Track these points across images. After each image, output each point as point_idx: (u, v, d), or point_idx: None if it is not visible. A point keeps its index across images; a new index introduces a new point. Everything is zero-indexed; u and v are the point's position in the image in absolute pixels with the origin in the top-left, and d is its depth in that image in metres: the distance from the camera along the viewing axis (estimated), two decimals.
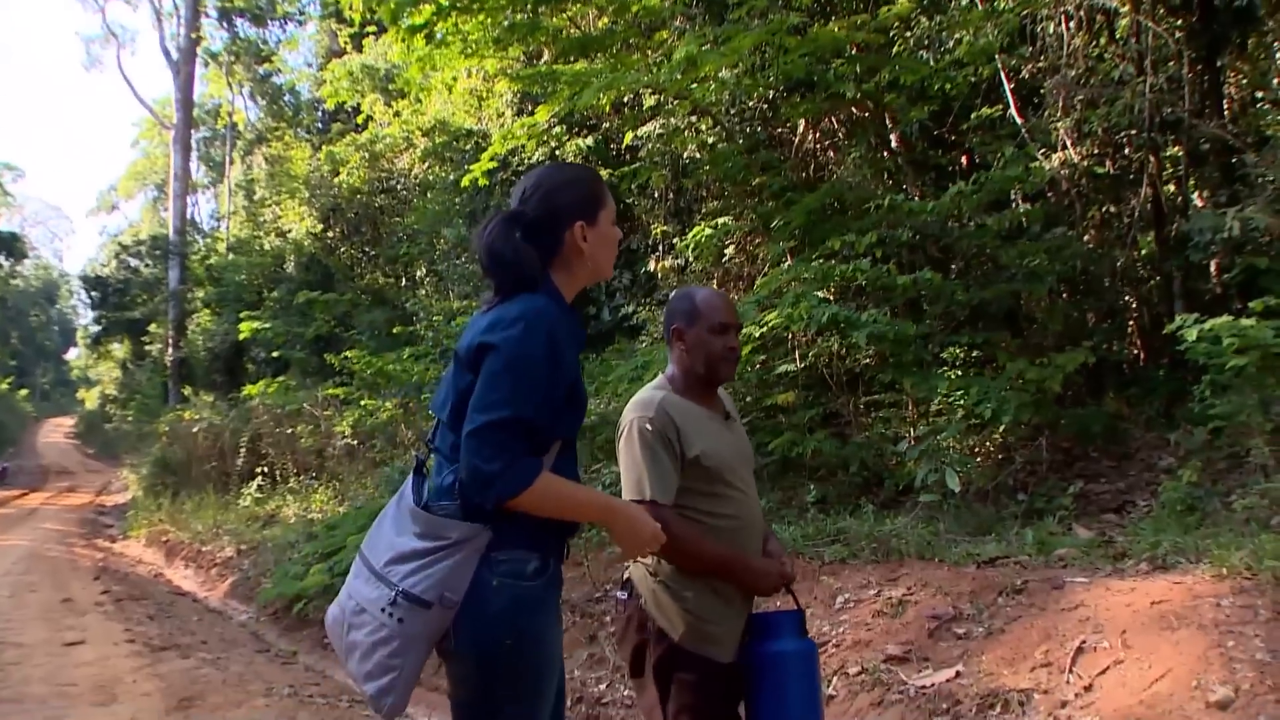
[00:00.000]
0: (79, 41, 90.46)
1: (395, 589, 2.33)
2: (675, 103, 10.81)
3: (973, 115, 8.96)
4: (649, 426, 2.97)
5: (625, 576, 3.15)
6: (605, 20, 11.48)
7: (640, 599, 3.04)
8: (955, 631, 4.57)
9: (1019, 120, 8.74)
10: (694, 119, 11.17)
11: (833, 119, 10.57)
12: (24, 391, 73.61)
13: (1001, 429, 7.47)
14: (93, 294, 43.32)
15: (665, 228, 12.46)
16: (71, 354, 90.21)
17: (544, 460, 2.40)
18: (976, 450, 7.79)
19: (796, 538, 6.46)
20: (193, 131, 36.11)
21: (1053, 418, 7.65)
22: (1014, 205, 8.82)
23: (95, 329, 46.18)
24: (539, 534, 2.44)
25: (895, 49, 9.07)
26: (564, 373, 2.44)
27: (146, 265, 38.12)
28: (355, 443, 16.64)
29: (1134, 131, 8.42)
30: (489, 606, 2.34)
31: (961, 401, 7.27)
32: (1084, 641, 4.06)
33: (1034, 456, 7.55)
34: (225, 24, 36.27)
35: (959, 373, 8.06)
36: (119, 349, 43.61)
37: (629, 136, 11.66)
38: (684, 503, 2.96)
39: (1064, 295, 8.84)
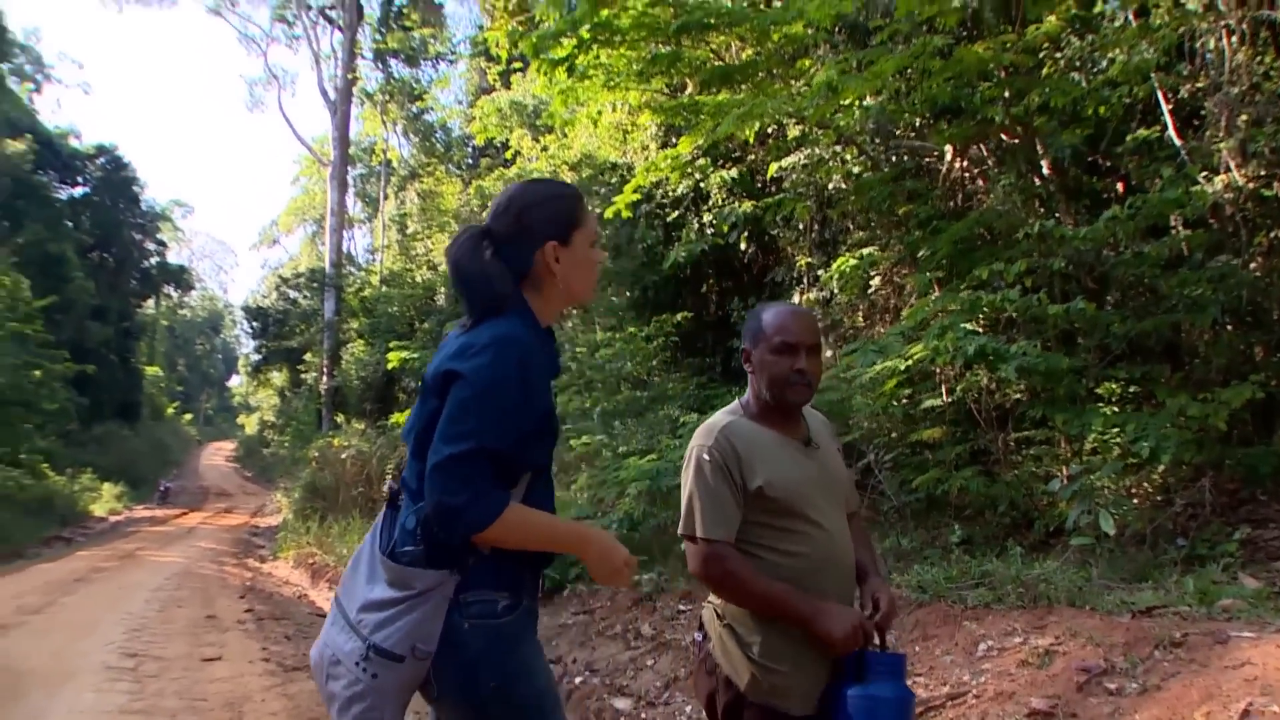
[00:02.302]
0: (243, 84, 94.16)
1: (366, 642, 2.28)
2: (819, 132, 10.65)
3: (1128, 138, 8.54)
4: (707, 456, 2.78)
5: (700, 619, 2.96)
6: (749, 51, 11.38)
7: (710, 642, 2.84)
8: (1106, 686, 4.24)
9: (1178, 142, 8.31)
10: (839, 148, 10.99)
11: (981, 146, 10.26)
12: (188, 416, 76.83)
13: (1160, 469, 7.07)
14: (254, 324, 44.83)
15: (810, 259, 12.26)
16: (234, 381, 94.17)
17: (514, 491, 2.32)
18: (1133, 491, 7.35)
19: (939, 579, 6.18)
20: (349, 168, 37.18)
21: (1216, 457, 7.16)
22: (1174, 231, 8.37)
23: (256, 358, 47.76)
24: (507, 572, 2.37)
25: (1045, 70, 8.73)
26: (535, 401, 2.35)
27: (304, 297, 39.24)
28: None
29: None
30: (466, 651, 2.30)
31: (1117, 439, 6.91)
32: (1250, 704, 3.71)
33: (1196, 498, 7.06)
34: (380, 65, 37.40)
35: (1115, 409, 7.64)
36: (277, 377, 45.00)
37: (773, 168, 11.50)
38: (748, 538, 2.76)
39: (1229, 326, 8.34)
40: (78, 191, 46.64)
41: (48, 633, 9.48)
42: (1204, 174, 8.11)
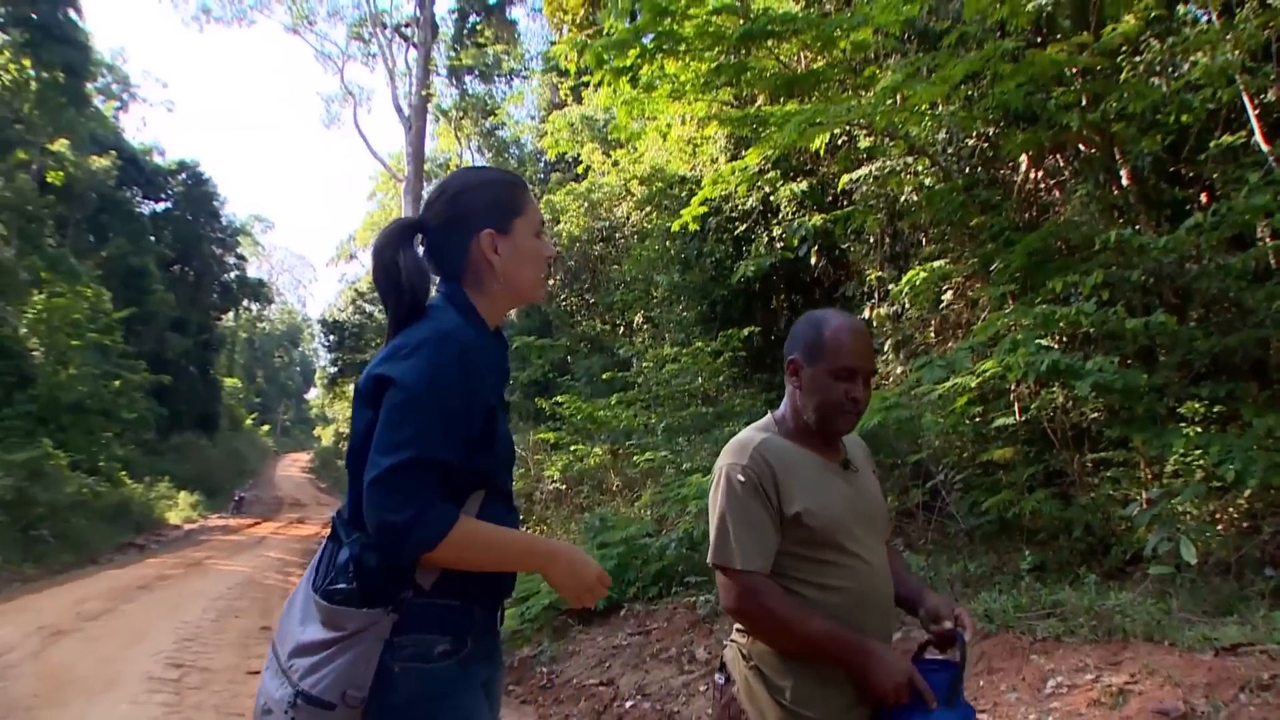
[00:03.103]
0: (320, 101, 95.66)
1: (295, 688, 2.04)
2: (890, 143, 10.38)
3: (1211, 145, 8.13)
4: (741, 477, 2.50)
5: (722, 659, 2.66)
6: (818, 61, 11.14)
7: (734, 685, 2.55)
8: None
9: (1265, 147, 7.88)
10: (909, 159, 10.67)
11: (1057, 155, 9.91)
12: (266, 427, 77.91)
13: (1247, 493, 6.65)
14: (330, 337, 45.41)
15: (880, 273, 11.98)
16: (311, 393, 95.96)
17: (465, 509, 2.08)
18: (1217, 517, 6.91)
19: (1007, 608, 5.87)
20: (423, 184, 37.31)
21: None
22: (1260, 242, 7.96)
23: (332, 370, 48.39)
24: (450, 612, 2.12)
25: (1123, 75, 8.36)
26: (478, 402, 2.09)
27: (380, 311, 39.38)
28: (564, 487, 16.62)
29: None
30: (395, 697, 2.05)
31: (1200, 461, 6.53)
32: None
33: None
34: (454, 81, 37.60)
35: (1198, 429, 7.24)
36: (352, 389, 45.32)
37: (844, 180, 11.21)
38: (782, 569, 2.48)
39: None
40: (160, 206, 47.65)
41: (100, 639, 9.53)
42: None
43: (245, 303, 60.97)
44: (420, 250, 2.27)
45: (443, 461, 1.99)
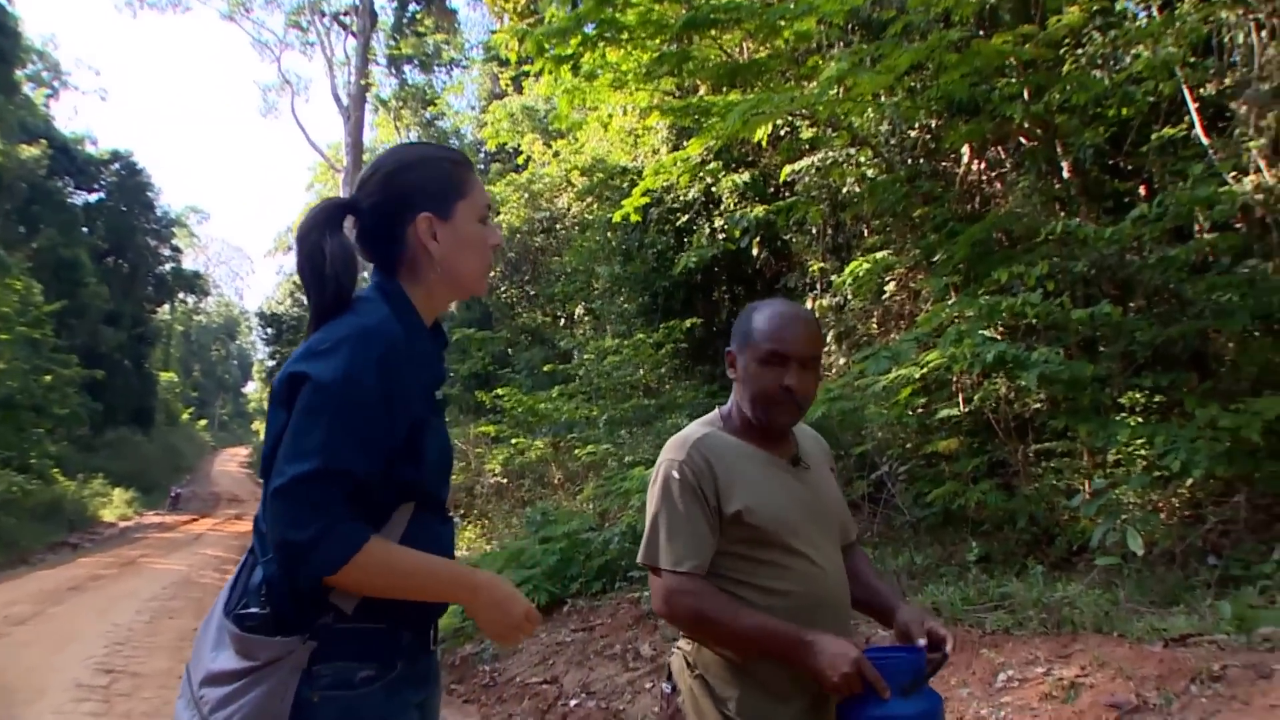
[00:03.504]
0: (257, 90, 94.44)
1: None
2: (833, 134, 10.34)
3: (1153, 137, 8.17)
4: (677, 474, 2.36)
5: (669, 666, 2.52)
6: (761, 51, 11.09)
7: (680, 696, 2.41)
8: None
9: (1205, 140, 7.94)
10: (852, 150, 10.65)
11: (998, 147, 9.93)
12: (203, 422, 76.87)
13: (1189, 483, 6.68)
14: (268, 330, 44.84)
15: (823, 264, 11.94)
16: (249, 387, 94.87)
17: (389, 528, 1.89)
18: (1159, 506, 6.94)
19: (955, 601, 5.84)
20: None
21: (1249, 471, 6.78)
22: (1198, 234, 8.00)
23: (270, 363, 47.72)
24: (377, 638, 1.90)
25: (1065, 67, 8.38)
26: (402, 408, 1.86)
27: None
28: (505, 481, 16.52)
29: None
30: None
31: (1143, 452, 6.55)
32: None
33: (1228, 515, 6.69)
34: (394, 71, 37.24)
35: (1139, 419, 7.27)
36: None
37: (786, 171, 11.17)
38: (722, 570, 2.34)
39: (1258, 334, 7.95)
40: (93, 197, 46.67)
41: (27, 645, 9.23)
42: (1232, 175, 7.75)
43: (181, 295, 60.01)
44: (352, 235, 2.04)
45: (355, 473, 1.77)
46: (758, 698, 2.29)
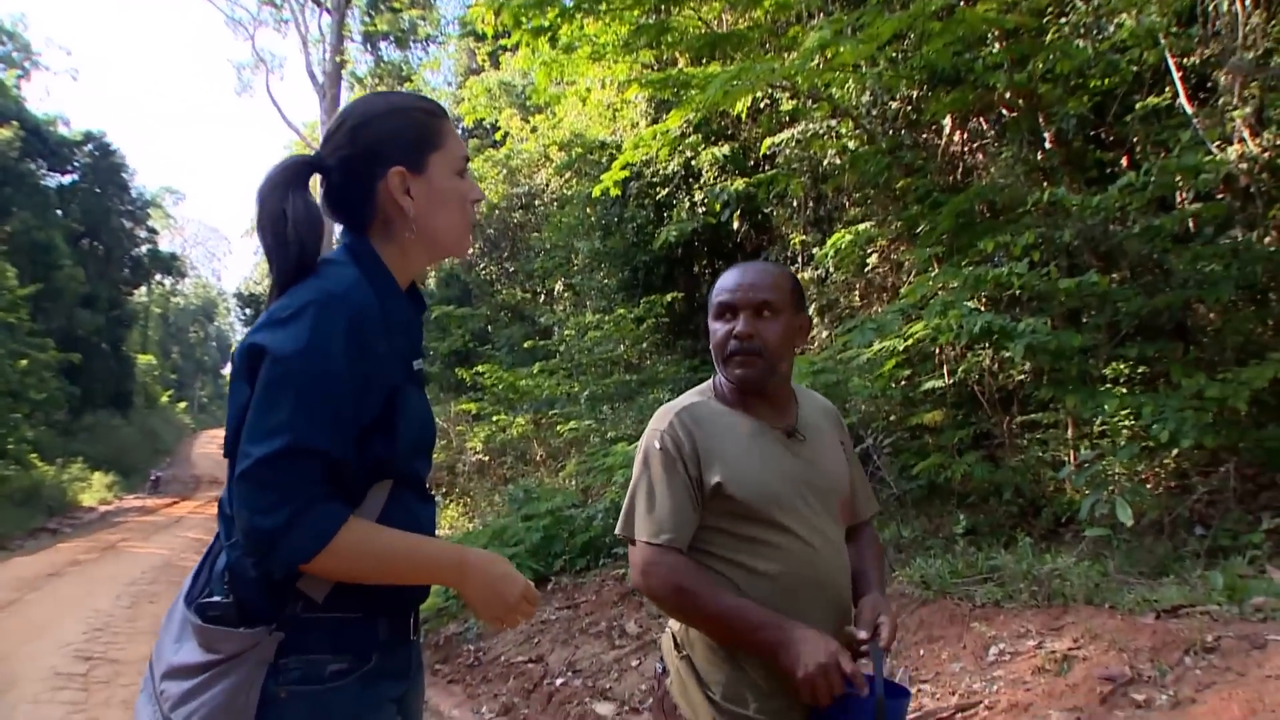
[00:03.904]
0: (231, 68, 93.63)
1: (166, 718, 1.69)
2: (813, 106, 10.26)
3: (1137, 106, 8.11)
4: (658, 444, 2.28)
5: (660, 645, 2.44)
6: (740, 22, 10.99)
7: (669, 676, 2.33)
8: (1133, 698, 3.82)
9: (1189, 109, 7.88)
10: (833, 122, 10.57)
11: (981, 118, 9.86)
12: (182, 404, 76.33)
13: (1175, 453, 6.65)
14: (247, 311, 44.66)
15: (804, 237, 11.90)
16: (228, 369, 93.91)
17: (365, 507, 1.75)
18: (1145, 477, 6.91)
19: (943, 574, 5.78)
20: None
21: (1235, 441, 6.74)
22: (1182, 205, 7.96)
23: None
24: (349, 628, 1.77)
25: (1049, 36, 8.31)
26: (375, 379, 1.71)
27: None
28: (486, 459, 16.44)
29: None
30: None
31: (1128, 422, 6.51)
32: None
33: (1216, 485, 6.66)
34: (369, 48, 36.83)
35: (1123, 390, 7.24)
36: None
37: (766, 144, 11.09)
38: (704, 546, 2.24)
39: (1238, 305, 7.91)
40: (66, 179, 46.11)
41: (3, 635, 9.06)
42: (1217, 144, 7.71)
43: (158, 277, 59.51)
44: (319, 195, 1.88)
45: (322, 451, 1.62)
46: (743, 684, 2.19)
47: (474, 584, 1.83)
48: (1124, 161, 8.85)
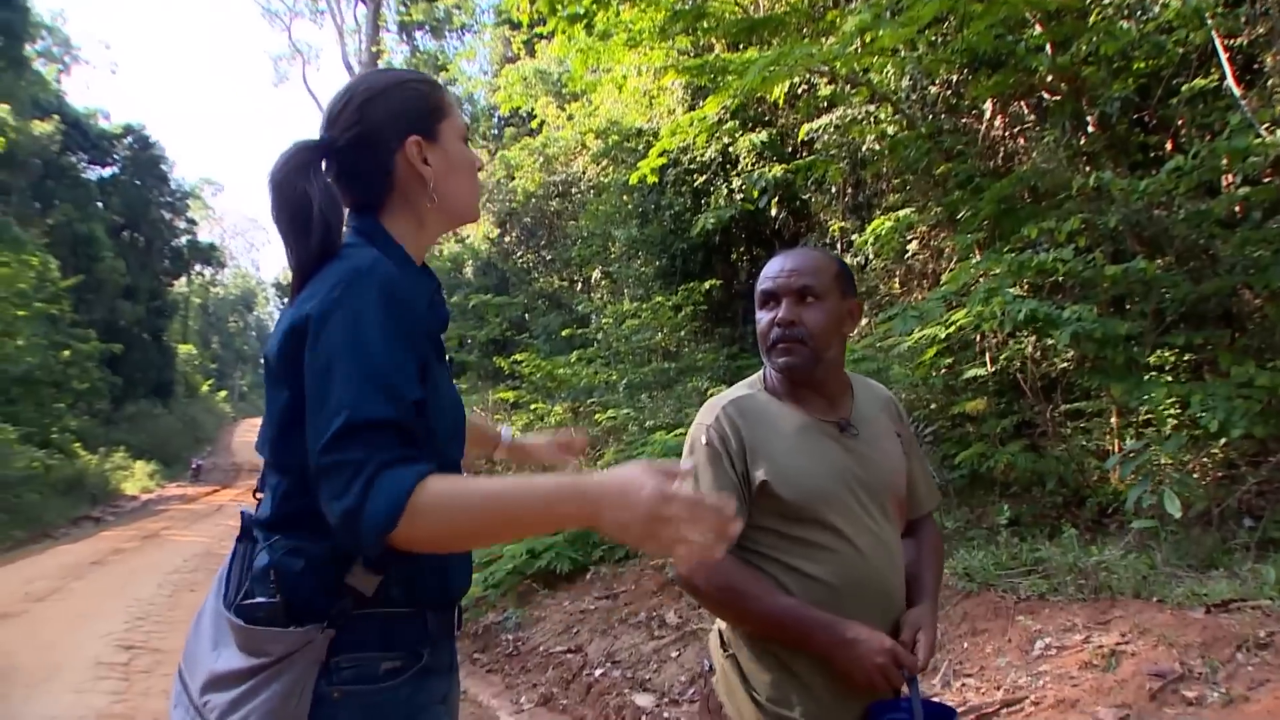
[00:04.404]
0: (268, 60, 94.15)
1: None
2: (852, 91, 10.15)
3: (1183, 89, 7.95)
4: (703, 438, 2.21)
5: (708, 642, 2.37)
6: (777, 6, 10.90)
7: (715, 674, 2.27)
8: (1184, 695, 3.75)
9: (1237, 91, 7.72)
10: (872, 108, 10.46)
11: (1022, 103, 9.72)
12: (222, 393, 77.13)
13: (1223, 443, 6.52)
14: (284, 300, 44.69)
15: (843, 224, 11.81)
16: None
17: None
18: (1193, 467, 6.78)
19: (987, 566, 5.71)
20: None
21: None
22: (1229, 188, 7.80)
23: None
24: (400, 623, 1.68)
25: (1092, 18, 8.17)
26: (414, 347, 1.62)
27: None
28: None
29: None
30: None
31: (1172, 411, 6.39)
32: None
33: (1264, 475, 6.51)
34: (405, 37, 36.97)
35: (1169, 378, 7.11)
36: None
37: (804, 130, 11.00)
38: (753, 545, 2.16)
39: None
40: (106, 172, 46.63)
41: (47, 623, 9.16)
42: (1266, 127, 7.55)
43: (197, 268, 60.23)
44: (328, 176, 1.80)
45: (386, 419, 1.51)
46: (789, 686, 2.13)
47: (606, 502, 1.49)
48: (1168, 145, 8.69)
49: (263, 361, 1.75)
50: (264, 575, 1.66)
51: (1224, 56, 7.80)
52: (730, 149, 12.89)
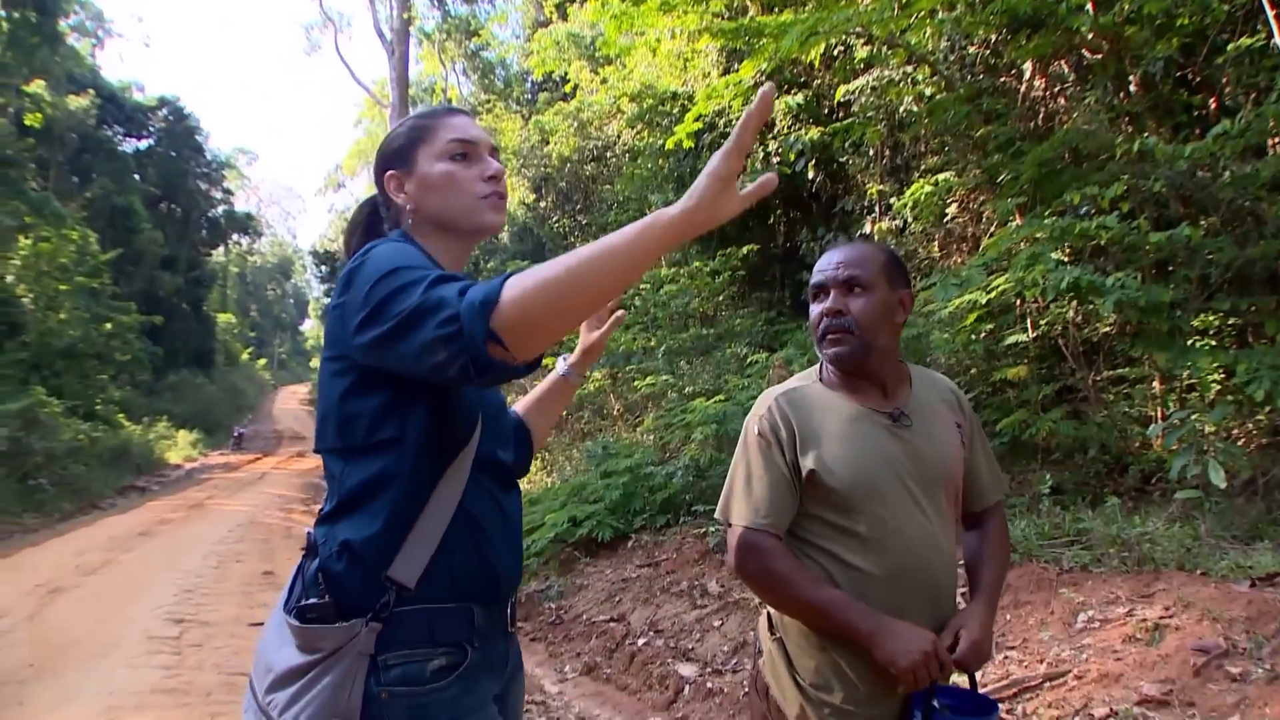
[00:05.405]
0: (299, 29, 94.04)
1: None
2: (889, 52, 10.04)
3: (1228, 47, 7.81)
4: (756, 429, 2.27)
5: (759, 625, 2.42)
6: None
7: (762, 657, 2.32)
8: (1229, 670, 3.73)
9: None
10: (910, 69, 10.36)
11: (1063, 63, 9.58)
12: (262, 361, 77.90)
13: (1268, 410, 6.44)
14: (322, 268, 45.14)
15: (881, 187, 11.71)
16: (305, 325, 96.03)
17: (454, 472, 1.78)
18: (1238, 435, 6.70)
19: (1029, 536, 5.70)
20: (409, 109, 36.71)
21: None
22: (1275, 149, 7.66)
23: (325, 301, 48.11)
24: (446, 615, 1.76)
25: None
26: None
27: None
28: (564, 414, 16.49)
29: None
30: None
31: (1216, 378, 6.31)
32: None
33: None
34: (436, 3, 36.70)
35: (1213, 344, 7.02)
36: None
37: (840, 92, 10.91)
38: (804, 534, 2.22)
39: None
40: (142, 144, 47.17)
41: (99, 596, 9.27)
42: None
43: (234, 237, 60.63)
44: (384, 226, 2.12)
45: (424, 276, 1.59)
46: (832, 673, 2.17)
47: (687, 201, 1.51)
48: (1213, 105, 8.55)
49: (319, 363, 1.88)
50: (314, 578, 1.77)
51: (1270, 14, 7.64)
52: None
